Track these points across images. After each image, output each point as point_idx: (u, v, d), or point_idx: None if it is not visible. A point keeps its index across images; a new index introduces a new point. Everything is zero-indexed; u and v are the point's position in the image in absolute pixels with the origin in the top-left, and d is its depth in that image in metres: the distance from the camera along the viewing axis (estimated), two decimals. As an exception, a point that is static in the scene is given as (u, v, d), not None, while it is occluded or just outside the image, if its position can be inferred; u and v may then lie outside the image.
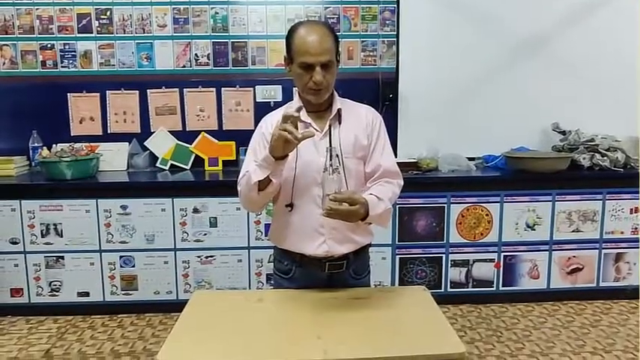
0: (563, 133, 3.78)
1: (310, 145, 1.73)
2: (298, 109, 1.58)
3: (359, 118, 1.83)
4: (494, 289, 3.58)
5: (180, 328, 1.59)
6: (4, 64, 3.78)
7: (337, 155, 1.63)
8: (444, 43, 3.75)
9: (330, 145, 1.67)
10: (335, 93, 1.83)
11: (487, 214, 3.48)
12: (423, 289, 1.88)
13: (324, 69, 1.68)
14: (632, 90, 3.69)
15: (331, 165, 1.59)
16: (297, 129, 1.53)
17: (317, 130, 1.76)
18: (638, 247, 3.57)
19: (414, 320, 1.65)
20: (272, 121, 1.80)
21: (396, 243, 3.48)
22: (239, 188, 1.78)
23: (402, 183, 1.87)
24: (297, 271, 1.89)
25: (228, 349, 1.45)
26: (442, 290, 3.52)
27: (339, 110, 1.80)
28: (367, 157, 1.82)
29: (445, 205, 3.43)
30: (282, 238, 1.88)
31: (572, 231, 3.55)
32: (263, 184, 1.68)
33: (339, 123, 1.80)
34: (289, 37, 1.73)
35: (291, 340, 1.51)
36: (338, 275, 1.88)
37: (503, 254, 3.54)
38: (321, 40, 1.66)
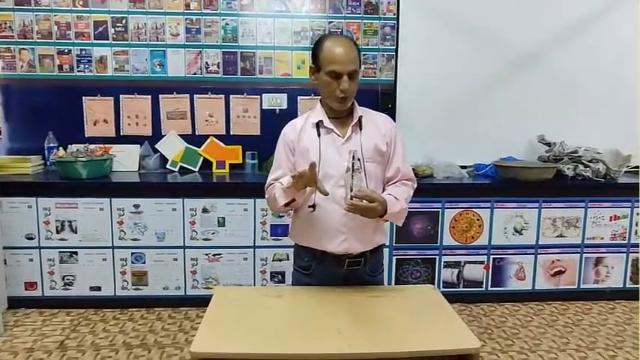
0: (549, 144, 3.98)
1: (333, 150, 1.86)
2: (312, 166, 1.73)
3: (378, 126, 1.93)
4: (483, 289, 3.78)
5: (208, 321, 1.66)
6: (22, 67, 3.89)
7: (359, 159, 1.74)
8: (440, 58, 3.93)
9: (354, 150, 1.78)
10: (355, 102, 1.93)
11: (478, 219, 3.69)
12: (433, 287, 2.04)
13: (350, 78, 1.79)
14: (613, 105, 3.97)
15: (354, 166, 1.71)
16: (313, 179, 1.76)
17: (339, 136, 1.88)
18: (616, 252, 3.80)
19: (429, 317, 1.77)
20: (293, 129, 1.95)
21: (393, 245, 3.67)
22: (266, 195, 1.96)
23: (415, 186, 2.01)
24: (316, 268, 2.01)
25: (255, 342, 1.52)
26: (435, 290, 3.70)
27: (360, 117, 1.90)
28: (387, 162, 1.94)
29: (439, 209, 3.62)
30: (304, 236, 2.00)
31: (557, 236, 3.77)
32: (288, 202, 1.87)
33: (360, 129, 1.90)
34: (317, 47, 1.87)
35: (313, 334, 1.61)
36: (355, 272, 2.01)
37: (492, 257, 3.74)
38: (348, 51, 1.77)
